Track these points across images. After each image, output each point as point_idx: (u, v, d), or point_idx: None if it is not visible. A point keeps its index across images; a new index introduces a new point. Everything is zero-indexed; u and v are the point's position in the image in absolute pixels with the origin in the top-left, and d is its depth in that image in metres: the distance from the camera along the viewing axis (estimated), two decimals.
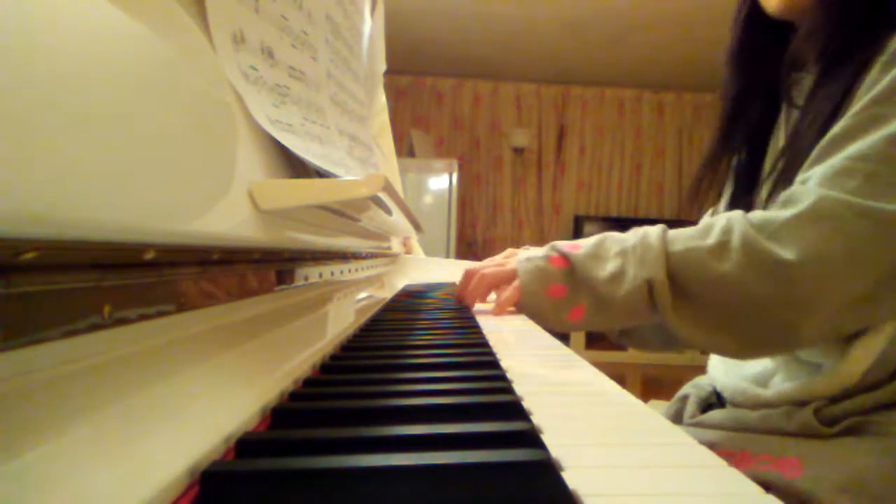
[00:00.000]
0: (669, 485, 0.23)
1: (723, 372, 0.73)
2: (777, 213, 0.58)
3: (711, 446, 0.62)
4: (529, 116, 4.68)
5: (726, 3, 0.77)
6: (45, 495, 0.17)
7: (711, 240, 0.60)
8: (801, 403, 0.60)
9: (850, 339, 0.59)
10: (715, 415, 0.68)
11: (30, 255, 0.17)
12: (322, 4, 0.56)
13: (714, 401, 0.75)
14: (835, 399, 0.59)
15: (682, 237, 0.62)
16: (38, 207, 0.17)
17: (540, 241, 4.61)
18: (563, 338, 0.64)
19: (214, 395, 0.28)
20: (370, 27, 0.86)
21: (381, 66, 1.01)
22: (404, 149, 3.94)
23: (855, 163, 0.55)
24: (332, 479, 0.22)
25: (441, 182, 3.77)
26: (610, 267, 0.65)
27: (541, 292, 0.69)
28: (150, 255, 0.24)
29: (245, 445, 0.26)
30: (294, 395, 0.34)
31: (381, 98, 1.16)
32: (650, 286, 0.62)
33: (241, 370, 0.33)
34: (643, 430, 0.30)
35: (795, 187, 0.59)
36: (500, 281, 0.77)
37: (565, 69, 4.37)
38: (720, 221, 0.61)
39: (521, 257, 0.73)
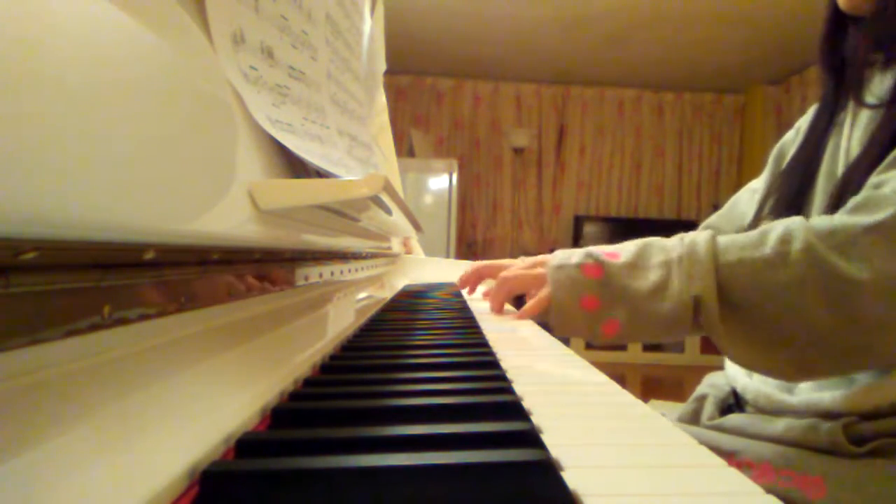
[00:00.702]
0: (669, 485, 0.23)
1: (742, 372, 0.69)
2: (845, 220, 0.52)
3: (732, 454, 0.60)
4: (529, 116, 4.68)
5: (726, 2, 0.77)
6: (45, 495, 0.17)
7: (768, 249, 0.53)
8: (829, 416, 0.57)
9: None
10: (736, 419, 0.64)
11: (30, 255, 0.17)
12: (322, 4, 0.56)
13: (733, 401, 0.71)
14: (866, 416, 0.55)
15: (734, 246, 0.56)
16: (38, 207, 0.17)
17: (540, 241, 4.62)
18: (563, 338, 0.63)
19: (214, 394, 0.28)
20: (370, 27, 0.86)
21: (381, 66, 1.01)
22: (404, 149, 3.94)
23: None
24: (332, 479, 0.22)
25: (441, 182, 3.77)
26: (652, 278, 0.59)
27: (574, 305, 0.62)
28: (150, 255, 0.24)
29: (245, 445, 0.26)
30: (294, 395, 0.34)
31: (381, 98, 1.16)
32: (697, 303, 0.56)
33: (241, 370, 0.33)
34: (643, 431, 0.30)
35: (868, 192, 0.53)
36: (527, 287, 0.72)
37: (565, 69, 4.37)
38: (777, 229, 0.55)
39: (554, 262, 0.65)
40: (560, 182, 4.71)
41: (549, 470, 0.23)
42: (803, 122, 0.76)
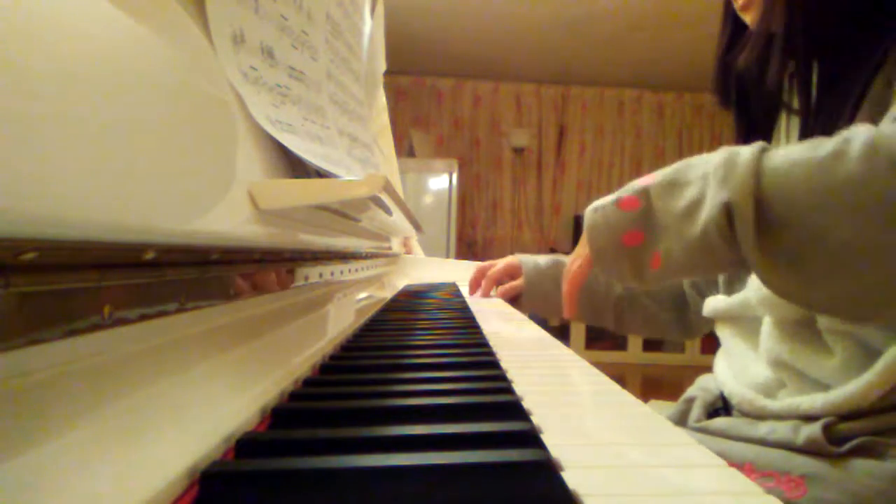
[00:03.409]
0: (669, 485, 0.23)
1: (730, 376, 0.68)
2: None
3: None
4: (529, 116, 4.68)
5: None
6: (45, 495, 0.17)
7: (823, 151, 0.45)
8: (809, 418, 0.56)
9: (868, 358, 0.54)
10: (721, 422, 0.64)
11: (30, 255, 0.17)
12: (322, 4, 0.56)
13: (721, 406, 0.71)
14: (845, 417, 0.54)
15: (784, 152, 0.48)
16: (38, 207, 0.17)
17: (540, 241, 4.62)
18: (563, 337, 0.63)
19: (214, 394, 0.28)
20: (370, 27, 0.86)
21: (381, 66, 1.01)
22: (404, 149, 3.94)
23: None
24: (332, 479, 0.22)
25: (441, 182, 3.77)
26: (689, 194, 0.51)
27: (616, 246, 0.55)
28: (150, 255, 0.24)
29: (245, 445, 0.26)
30: (294, 395, 0.34)
31: (382, 98, 1.16)
32: (729, 212, 0.47)
33: (241, 370, 0.33)
34: (643, 430, 0.30)
35: None
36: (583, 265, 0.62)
37: (565, 69, 4.37)
38: (833, 139, 0.46)
39: (590, 207, 0.59)
40: (560, 182, 4.71)
41: (549, 470, 0.23)
42: None
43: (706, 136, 4.75)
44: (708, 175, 0.50)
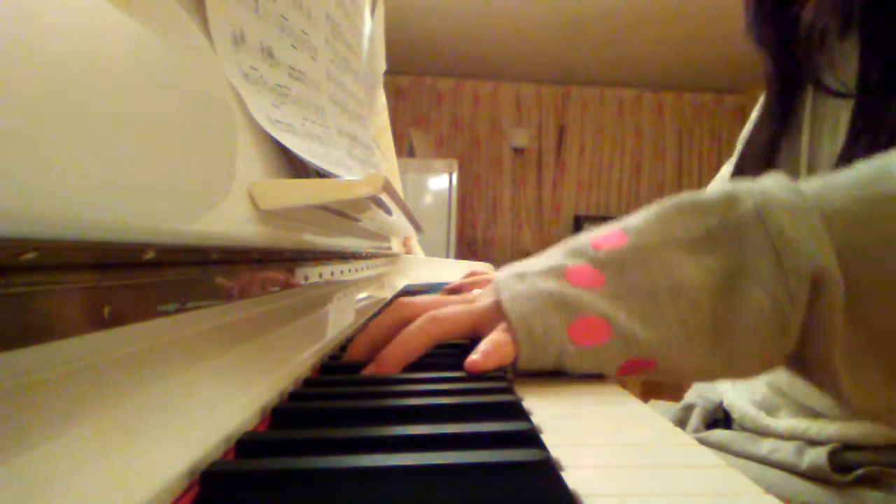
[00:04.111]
0: (670, 485, 0.23)
1: (729, 386, 0.65)
2: None
3: None
4: (529, 116, 4.68)
5: (727, 2, 0.77)
6: (45, 495, 0.17)
7: (874, 188, 0.32)
8: (814, 443, 0.53)
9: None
10: (721, 435, 0.61)
11: (30, 255, 0.17)
12: (322, 4, 0.56)
13: (721, 416, 0.68)
14: (853, 447, 0.50)
15: (828, 187, 0.34)
16: (38, 207, 0.17)
17: (540, 241, 4.62)
18: None
19: (214, 395, 0.28)
20: (370, 27, 0.86)
21: (381, 66, 1.01)
22: (404, 149, 3.94)
23: None
24: (332, 479, 0.22)
25: (441, 182, 3.77)
26: (709, 263, 0.35)
27: (560, 336, 0.37)
28: (150, 255, 0.24)
29: (245, 445, 0.26)
30: (294, 395, 0.34)
31: (382, 98, 1.16)
32: (817, 283, 0.32)
33: (241, 370, 0.33)
34: (643, 430, 0.30)
35: None
36: (463, 328, 0.42)
37: (565, 69, 4.37)
38: (858, 168, 0.34)
39: (506, 281, 0.40)
40: (560, 182, 4.71)
41: (549, 470, 0.23)
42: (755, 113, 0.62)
43: (706, 136, 4.75)
44: (716, 235, 0.35)
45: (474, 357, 0.38)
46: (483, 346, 0.38)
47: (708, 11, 3.24)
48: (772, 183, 0.35)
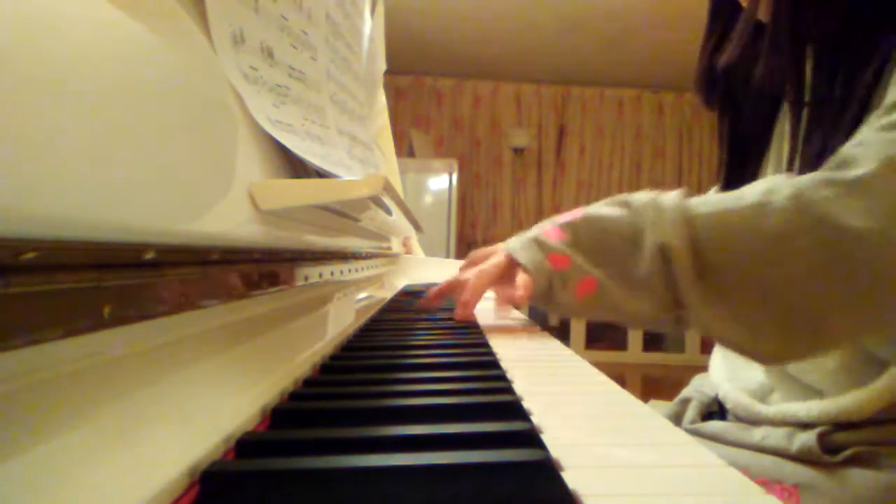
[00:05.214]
0: (670, 484, 0.23)
1: (725, 379, 0.68)
2: (833, 174, 0.47)
3: None
4: (529, 116, 4.67)
5: None
6: (45, 495, 0.17)
7: (749, 200, 0.48)
8: (804, 425, 0.55)
9: (867, 366, 0.53)
10: (715, 425, 0.63)
11: (30, 255, 0.17)
12: (322, 4, 0.56)
13: (716, 409, 0.70)
14: (841, 426, 0.53)
15: (707, 202, 0.51)
16: (38, 207, 0.17)
17: None
18: (564, 336, 0.63)
19: (214, 395, 0.28)
20: (370, 27, 0.86)
21: (381, 66, 1.01)
22: (404, 149, 3.94)
23: None
24: (332, 479, 0.22)
25: (441, 182, 3.77)
26: (623, 230, 0.55)
27: (547, 266, 0.57)
28: (150, 255, 0.24)
29: (245, 445, 0.26)
30: (294, 395, 0.34)
31: (382, 98, 1.16)
32: (664, 254, 0.50)
33: (241, 370, 0.33)
34: (643, 430, 0.30)
35: (847, 150, 0.48)
36: (496, 275, 0.63)
37: (565, 69, 4.37)
38: (756, 185, 0.50)
39: (507, 244, 0.63)
40: (560, 182, 4.71)
41: (549, 470, 0.23)
42: None
43: (706, 136, 4.75)
44: (640, 215, 0.54)
45: (519, 293, 0.59)
46: (520, 280, 0.60)
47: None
48: (667, 196, 0.55)
